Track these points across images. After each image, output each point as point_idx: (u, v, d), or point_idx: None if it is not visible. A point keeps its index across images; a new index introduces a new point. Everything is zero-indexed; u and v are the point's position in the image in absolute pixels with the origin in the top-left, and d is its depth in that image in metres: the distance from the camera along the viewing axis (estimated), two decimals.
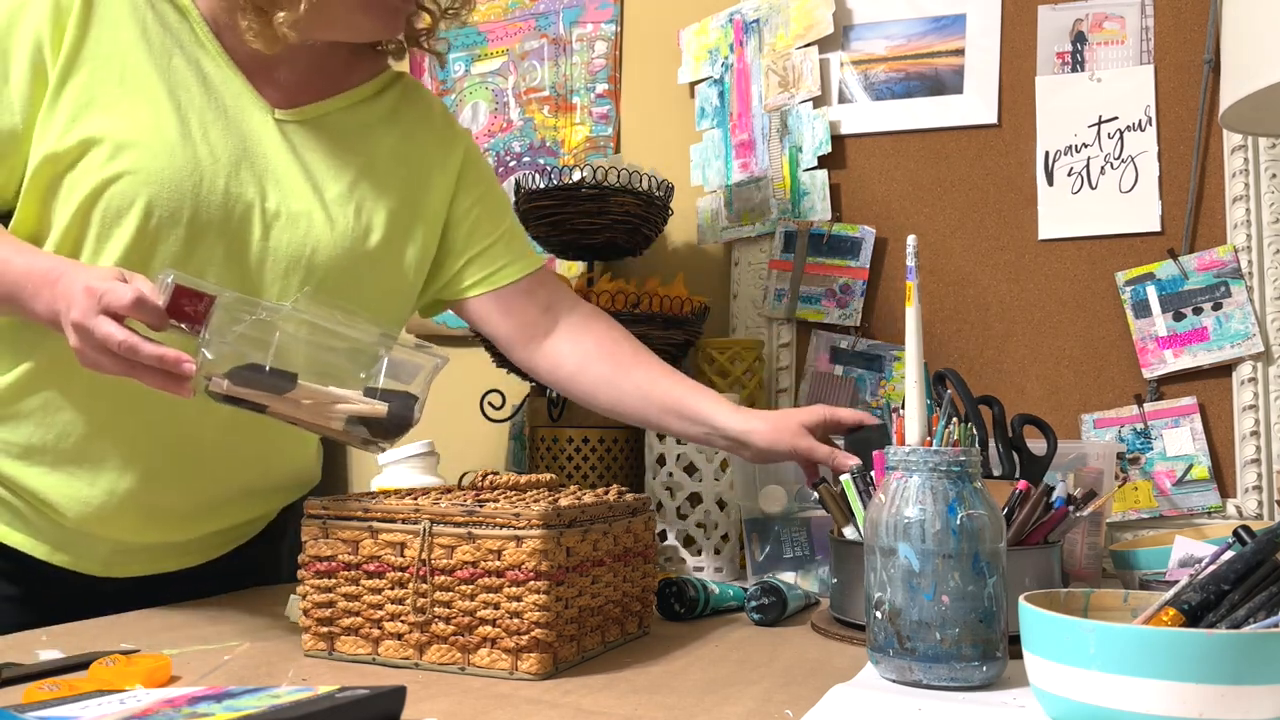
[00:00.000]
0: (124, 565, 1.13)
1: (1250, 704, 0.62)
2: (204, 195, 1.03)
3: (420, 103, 1.23)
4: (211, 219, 1.04)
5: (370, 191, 1.14)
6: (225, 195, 1.05)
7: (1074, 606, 0.78)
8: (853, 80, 1.61)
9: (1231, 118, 1.22)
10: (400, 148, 1.18)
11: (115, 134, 1.01)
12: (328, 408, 0.90)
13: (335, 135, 1.14)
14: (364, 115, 1.17)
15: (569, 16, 1.82)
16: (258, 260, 1.07)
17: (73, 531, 1.09)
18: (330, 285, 1.10)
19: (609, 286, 1.47)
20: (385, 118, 1.19)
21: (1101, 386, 1.45)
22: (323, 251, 1.09)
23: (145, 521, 1.11)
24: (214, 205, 1.04)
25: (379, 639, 0.87)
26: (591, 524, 0.89)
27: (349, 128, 1.16)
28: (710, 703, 0.76)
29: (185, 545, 1.17)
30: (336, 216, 1.11)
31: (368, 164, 1.15)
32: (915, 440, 0.85)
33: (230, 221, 1.05)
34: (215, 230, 1.04)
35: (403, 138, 1.19)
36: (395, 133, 1.19)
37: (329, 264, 1.10)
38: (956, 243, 1.54)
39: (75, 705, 0.66)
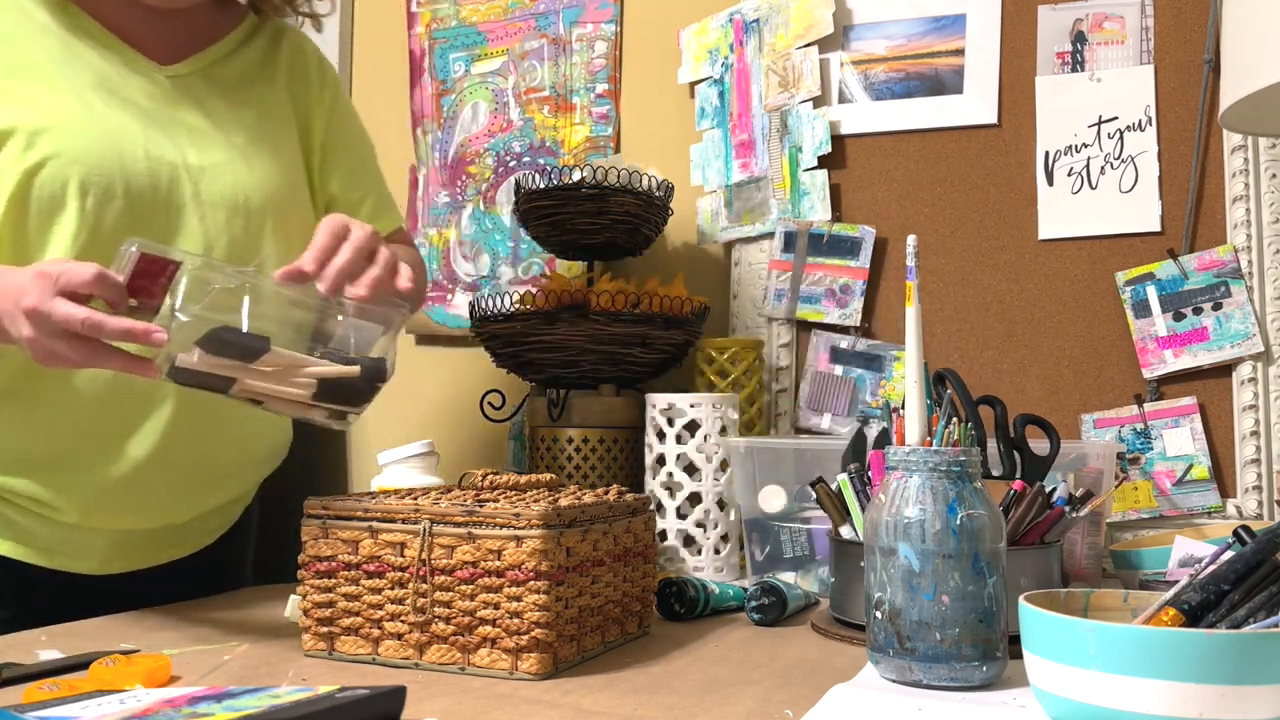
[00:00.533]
0: (120, 560, 1.13)
1: (1250, 704, 0.62)
2: (128, 164, 1.05)
3: (293, 46, 1.26)
4: (143, 185, 1.06)
5: (272, 135, 1.19)
6: (148, 160, 1.07)
7: (1074, 606, 0.78)
8: (853, 80, 1.61)
9: (1231, 118, 1.22)
10: (284, 92, 1.22)
11: (26, 122, 1.01)
12: (296, 374, 0.86)
13: (222, 86, 1.17)
14: (240, 64, 1.20)
15: (569, 16, 1.82)
16: (197, 216, 1.09)
17: (73, 528, 1.09)
18: (269, 230, 1.14)
19: (609, 286, 1.47)
20: (261, 63, 1.22)
21: (1101, 386, 1.45)
22: (255, 196, 1.13)
23: (144, 504, 1.11)
24: (140, 172, 1.06)
25: (379, 639, 0.87)
26: (591, 524, 0.89)
27: (231, 77, 1.19)
28: (710, 703, 0.76)
29: (179, 531, 1.18)
30: (254, 161, 1.15)
31: (261, 110, 1.19)
32: (915, 440, 0.85)
33: (160, 184, 1.07)
34: (149, 195, 1.06)
35: (287, 81, 1.23)
36: (277, 78, 1.23)
37: (263, 207, 1.14)
38: (956, 243, 1.54)
39: (75, 705, 0.66)
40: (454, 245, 1.88)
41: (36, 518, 1.08)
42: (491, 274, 1.85)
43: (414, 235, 1.91)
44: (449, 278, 1.88)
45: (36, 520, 1.08)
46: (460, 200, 1.88)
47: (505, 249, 1.84)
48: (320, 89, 1.27)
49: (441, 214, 1.90)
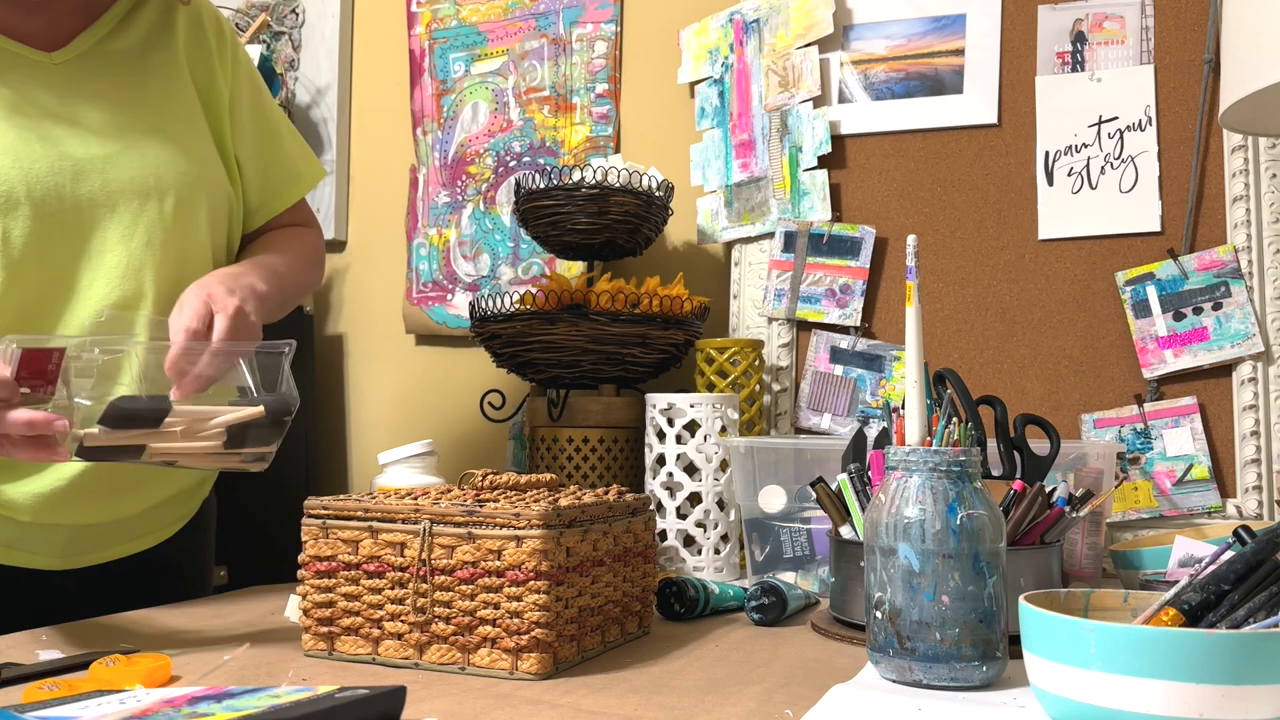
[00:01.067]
0: (82, 554, 1.12)
1: (1250, 704, 0.62)
2: (28, 168, 1.02)
3: (189, 10, 1.20)
4: (47, 188, 1.03)
5: (178, 108, 1.14)
6: (47, 159, 1.03)
7: (1074, 606, 0.78)
8: (853, 80, 1.61)
9: (1231, 118, 1.22)
10: (184, 58, 1.17)
11: None
12: (203, 427, 0.87)
13: (118, 62, 1.12)
14: (132, 36, 1.14)
15: (569, 16, 1.82)
16: (109, 209, 1.06)
17: (30, 525, 1.08)
18: (188, 211, 1.10)
19: (609, 286, 1.47)
20: (155, 31, 1.16)
21: (1101, 386, 1.45)
22: (167, 176, 1.09)
23: (97, 497, 1.10)
24: (41, 173, 1.03)
25: (379, 639, 0.87)
26: (591, 524, 0.89)
27: (125, 51, 1.13)
28: (710, 703, 0.76)
29: (136, 524, 1.16)
30: (163, 140, 1.10)
31: (164, 82, 1.14)
32: (915, 440, 0.85)
33: (64, 182, 1.03)
34: (55, 198, 1.03)
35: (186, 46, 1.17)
36: (175, 44, 1.16)
37: (178, 187, 1.10)
38: (956, 243, 1.54)
39: (75, 705, 0.66)
40: (454, 245, 1.88)
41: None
42: (491, 274, 1.85)
43: (414, 235, 1.91)
44: (449, 278, 1.88)
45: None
46: (460, 200, 1.88)
47: (505, 249, 1.84)
48: (220, 50, 1.21)
49: (441, 214, 1.90)
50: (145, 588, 1.17)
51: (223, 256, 1.19)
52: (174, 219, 1.10)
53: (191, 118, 1.16)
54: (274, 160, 1.26)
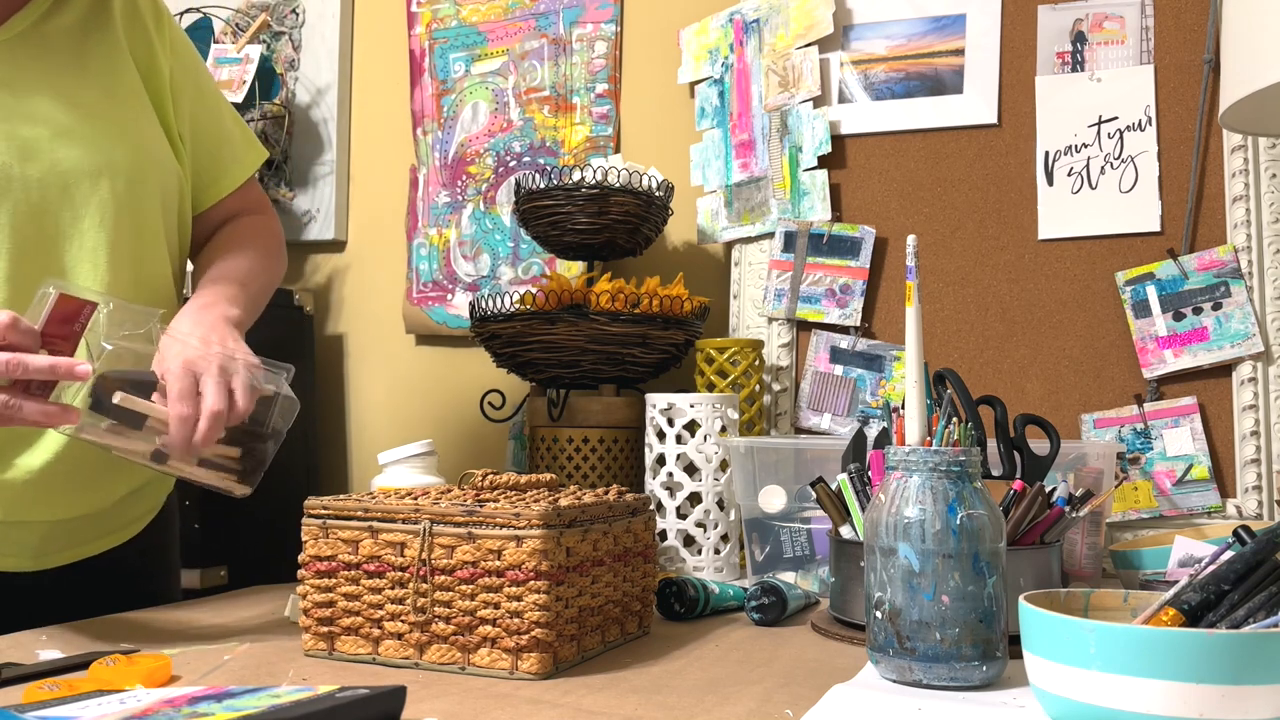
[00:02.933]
0: (56, 552, 1.11)
1: (1250, 704, 0.62)
2: None
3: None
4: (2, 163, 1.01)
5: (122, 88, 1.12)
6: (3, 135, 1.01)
7: (1074, 606, 0.78)
8: (853, 80, 1.61)
9: (1231, 118, 1.22)
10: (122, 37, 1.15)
11: None
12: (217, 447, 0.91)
13: (54, 44, 1.10)
14: (66, 17, 1.12)
15: (569, 16, 1.82)
16: (61, 190, 1.04)
17: (2, 524, 1.07)
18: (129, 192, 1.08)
19: (609, 286, 1.47)
20: (91, 10, 1.14)
21: (1101, 386, 1.45)
22: (118, 158, 1.07)
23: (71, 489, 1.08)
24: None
25: (379, 639, 0.87)
26: (591, 524, 0.89)
27: (60, 33, 1.11)
28: (710, 703, 0.76)
29: (109, 518, 1.15)
30: (111, 121, 1.09)
31: (104, 62, 1.12)
32: (915, 440, 0.85)
33: (13, 160, 1.02)
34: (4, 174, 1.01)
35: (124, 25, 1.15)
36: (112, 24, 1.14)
37: (127, 169, 1.08)
38: (956, 243, 1.54)
39: (75, 705, 0.66)
40: (454, 245, 1.88)
41: None
42: (491, 274, 1.85)
43: (414, 235, 1.91)
44: (449, 278, 1.88)
45: None
46: (460, 200, 1.88)
47: (505, 249, 1.84)
48: (159, 30, 1.19)
49: (442, 214, 1.90)
50: (115, 587, 1.15)
51: (174, 236, 1.18)
52: (126, 199, 1.08)
53: (136, 96, 1.14)
54: (217, 140, 1.23)
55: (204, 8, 2.04)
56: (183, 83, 1.19)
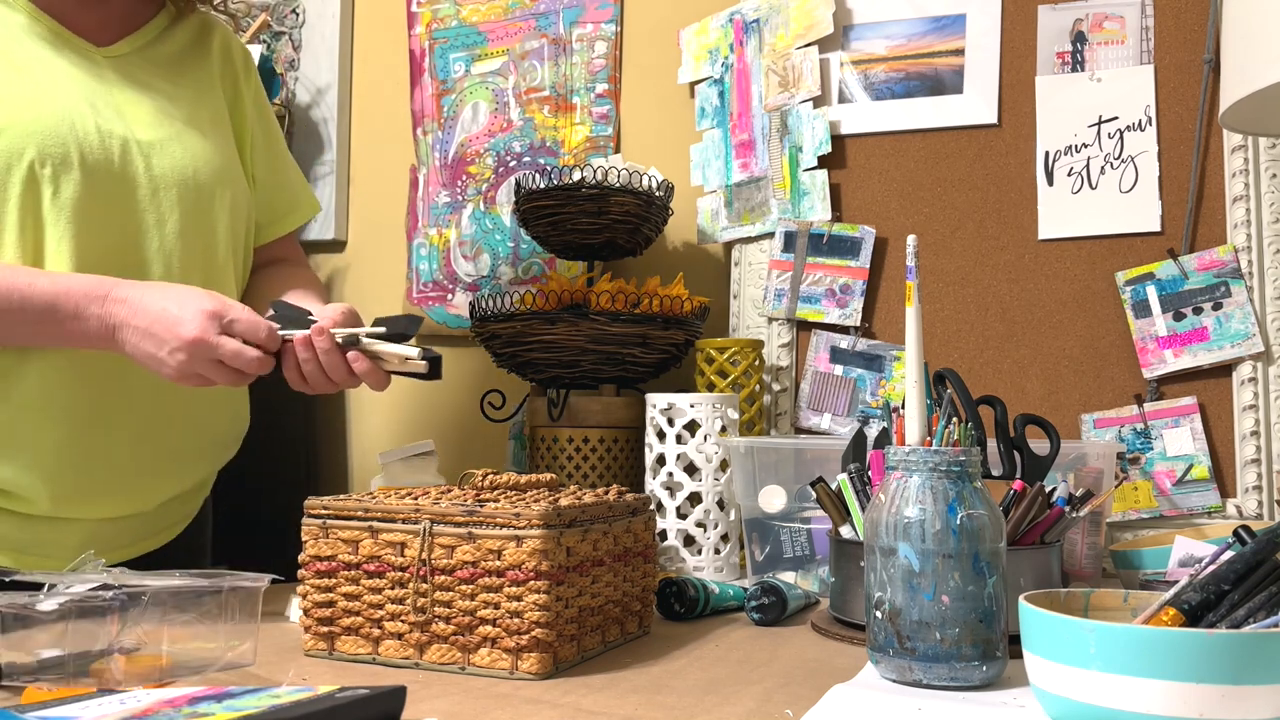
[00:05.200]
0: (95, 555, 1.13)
1: (1250, 704, 0.62)
2: (82, 137, 1.07)
3: (223, 35, 1.30)
4: (98, 158, 1.08)
5: (210, 113, 1.22)
6: (99, 133, 1.09)
7: (1074, 606, 0.78)
8: (853, 80, 1.61)
9: (1231, 118, 1.22)
10: (217, 75, 1.26)
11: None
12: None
13: (159, 65, 1.20)
14: (171, 46, 1.23)
15: (569, 16, 1.82)
16: (149, 190, 1.12)
17: (45, 521, 1.08)
18: (217, 206, 1.18)
19: (609, 286, 1.47)
20: (192, 46, 1.25)
21: (1101, 386, 1.45)
22: (202, 172, 1.16)
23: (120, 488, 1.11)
24: (94, 144, 1.08)
25: (379, 639, 0.87)
26: (591, 524, 0.89)
27: (165, 58, 1.21)
28: (710, 703, 0.76)
29: (149, 521, 1.19)
30: (198, 137, 1.18)
31: (197, 89, 1.22)
32: (915, 440, 0.85)
33: (113, 156, 1.09)
34: (104, 168, 1.08)
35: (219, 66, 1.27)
36: (210, 62, 1.26)
37: (210, 184, 1.17)
38: (956, 243, 1.54)
39: (75, 705, 0.66)
40: (454, 245, 1.88)
41: (5, 514, 1.08)
42: (491, 274, 1.85)
43: (414, 235, 1.91)
44: (449, 278, 1.88)
45: (5, 517, 1.08)
46: (460, 200, 1.88)
47: (505, 249, 1.84)
48: (247, 76, 1.30)
49: (442, 214, 1.90)
50: None
51: (240, 257, 1.26)
52: (207, 211, 1.17)
53: (222, 124, 1.24)
54: (281, 184, 1.34)
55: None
56: (259, 127, 1.31)
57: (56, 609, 0.78)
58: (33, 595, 0.79)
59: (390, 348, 1.07)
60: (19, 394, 1.05)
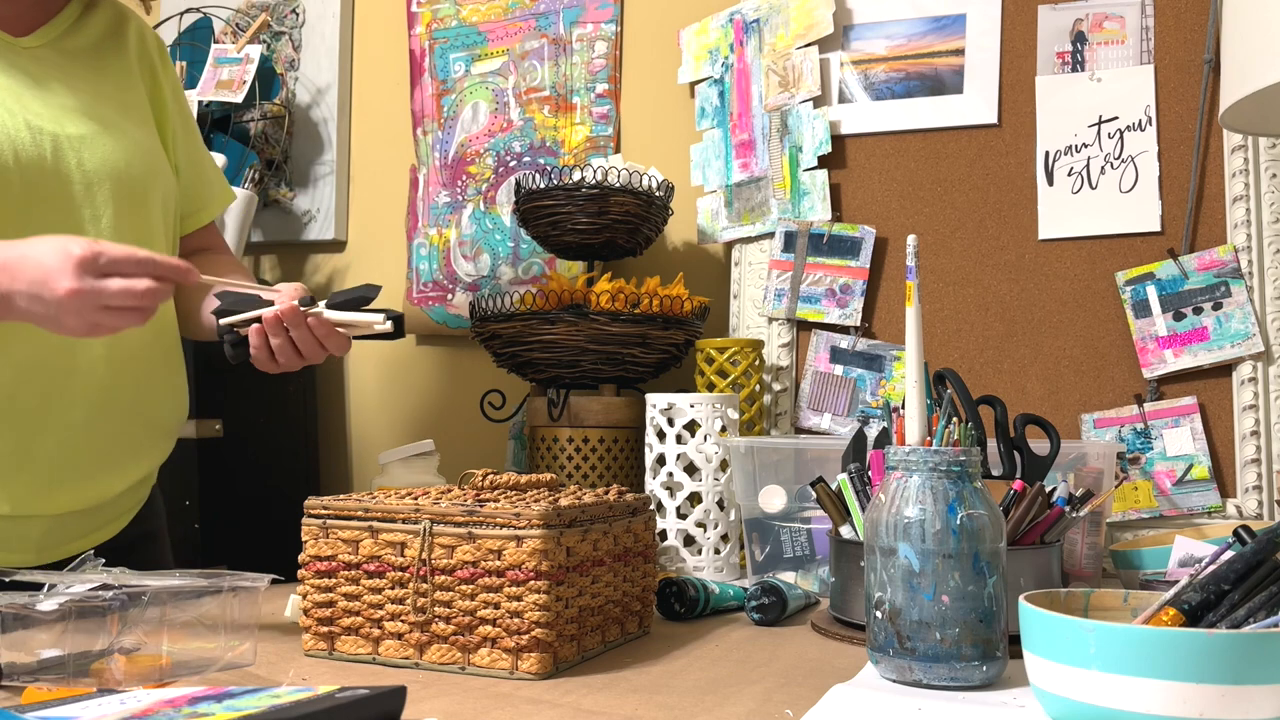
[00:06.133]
0: (56, 546, 1.14)
1: (1250, 704, 0.62)
2: (14, 134, 1.05)
3: (137, 23, 1.28)
4: (31, 156, 1.06)
5: (135, 106, 1.20)
6: (30, 129, 1.07)
7: (1074, 606, 0.78)
8: (853, 80, 1.61)
9: (1231, 117, 1.22)
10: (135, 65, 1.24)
11: None
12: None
13: (76, 57, 1.17)
14: (87, 36, 1.21)
15: (569, 16, 1.82)
16: (83, 186, 1.10)
17: (7, 519, 1.08)
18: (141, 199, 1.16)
19: (609, 286, 1.47)
20: (108, 36, 1.23)
21: (1101, 386, 1.45)
22: (135, 166, 1.15)
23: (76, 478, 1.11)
24: (25, 142, 1.06)
25: (379, 639, 0.87)
26: (591, 524, 0.89)
27: (81, 48, 1.19)
28: (710, 703, 0.76)
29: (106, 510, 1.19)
30: (126, 132, 1.16)
31: (118, 81, 1.20)
32: (915, 440, 0.85)
33: (45, 153, 1.07)
34: (37, 165, 1.06)
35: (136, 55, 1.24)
36: (126, 51, 1.23)
37: (142, 177, 1.15)
38: (956, 243, 1.54)
39: (75, 705, 0.66)
40: (454, 245, 1.88)
41: None
42: (491, 274, 1.85)
43: (414, 235, 1.91)
44: (449, 278, 1.88)
45: None
46: (460, 200, 1.88)
47: (505, 249, 1.84)
48: (164, 66, 1.28)
49: (442, 214, 1.90)
50: None
51: (171, 248, 1.25)
52: (136, 205, 1.15)
53: (145, 115, 1.22)
54: (200, 175, 1.32)
55: (204, 8, 2.04)
56: (178, 117, 1.29)
57: (56, 609, 0.78)
58: (33, 595, 0.79)
59: (353, 316, 1.06)
60: None
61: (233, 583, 0.84)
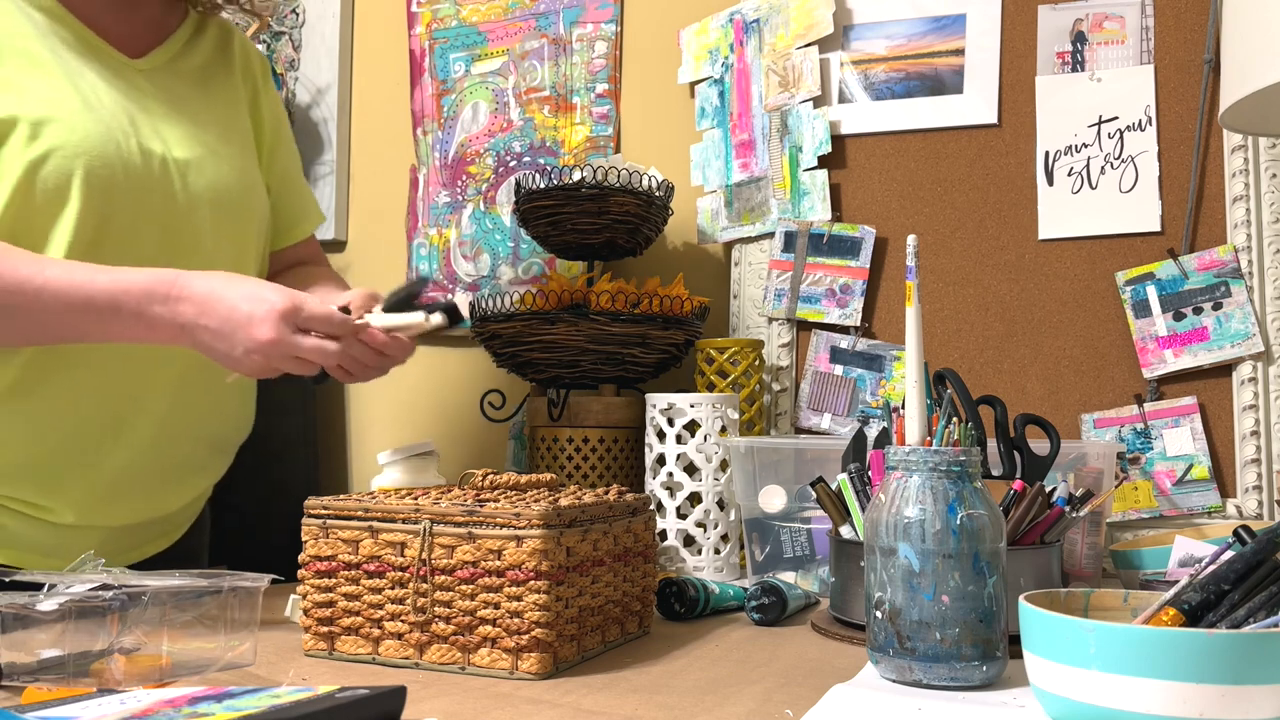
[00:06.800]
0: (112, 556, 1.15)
1: (1250, 704, 0.62)
2: (125, 157, 1.06)
3: (242, 42, 1.30)
4: (141, 177, 1.07)
5: (238, 128, 1.23)
6: (141, 153, 1.08)
7: (1074, 606, 0.78)
8: (853, 80, 1.61)
9: (1231, 117, 1.22)
10: (240, 84, 1.26)
11: (27, 112, 1.01)
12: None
13: (187, 79, 1.20)
14: (197, 57, 1.23)
15: (569, 16, 1.82)
16: (186, 208, 1.12)
17: (68, 528, 1.09)
18: (240, 221, 1.18)
19: (609, 286, 1.47)
20: (216, 56, 1.25)
21: (1101, 386, 1.45)
22: (233, 189, 1.17)
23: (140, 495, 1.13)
24: (136, 165, 1.07)
25: (379, 639, 0.87)
26: (591, 524, 0.89)
27: (188, 72, 1.21)
28: (710, 703, 0.76)
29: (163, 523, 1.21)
30: (227, 156, 1.18)
31: (225, 102, 1.23)
32: (915, 440, 0.85)
33: (153, 177, 1.09)
34: (145, 188, 1.08)
35: (241, 74, 1.27)
36: (232, 71, 1.26)
37: (239, 200, 1.18)
38: (956, 243, 1.54)
39: (75, 705, 0.66)
40: (454, 245, 1.88)
41: (31, 521, 1.08)
42: (491, 274, 1.85)
43: (414, 235, 1.91)
44: (449, 278, 1.88)
45: (31, 524, 1.08)
46: (460, 200, 1.88)
47: (505, 249, 1.84)
48: (265, 85, 1.31)
49: (442, 214, 1.90)
50: None
51: (262, 268, 1.28)
52: (234, 226, 1.18)
53: (246, 137, 1.25)
54: (296, 193, 1.36)
55: None
56: (275, 137, 1.32)
57: (56, 609, 0.78)
58: (33, 595, 0.79)
59: (402, 319, 1.06)
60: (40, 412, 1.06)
61: (233, 583, 0.84)
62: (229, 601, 0.84)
